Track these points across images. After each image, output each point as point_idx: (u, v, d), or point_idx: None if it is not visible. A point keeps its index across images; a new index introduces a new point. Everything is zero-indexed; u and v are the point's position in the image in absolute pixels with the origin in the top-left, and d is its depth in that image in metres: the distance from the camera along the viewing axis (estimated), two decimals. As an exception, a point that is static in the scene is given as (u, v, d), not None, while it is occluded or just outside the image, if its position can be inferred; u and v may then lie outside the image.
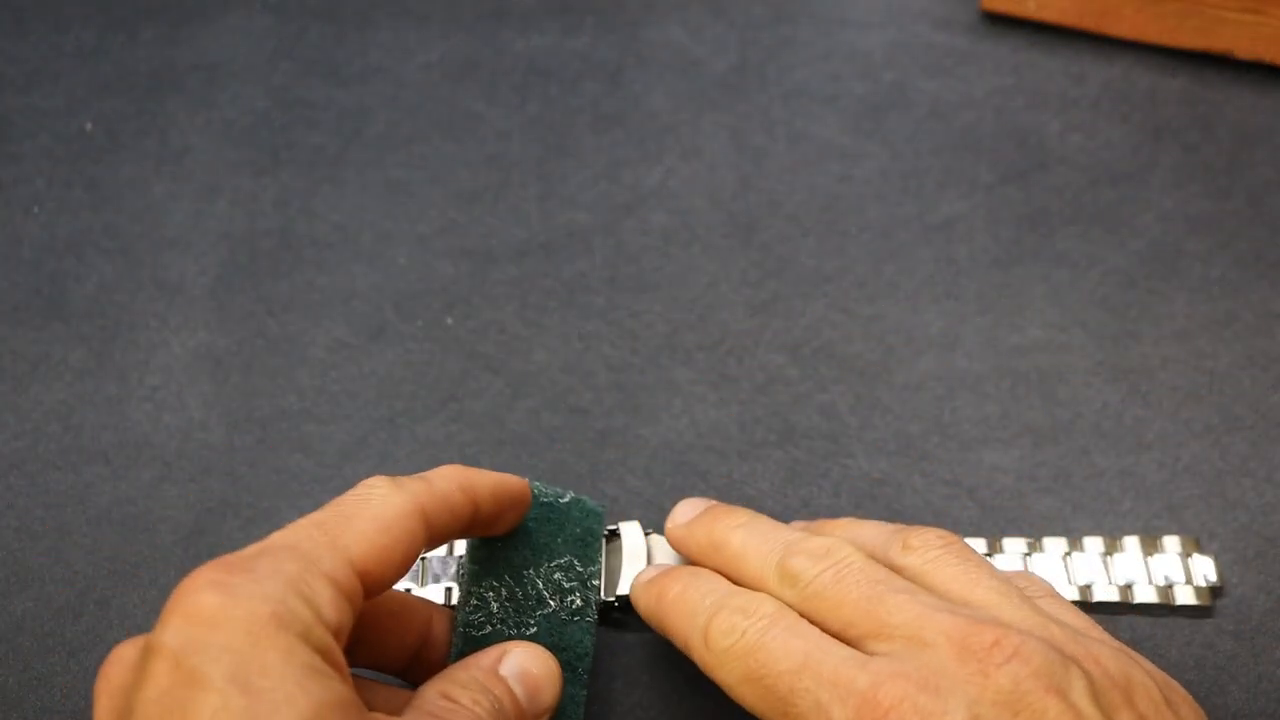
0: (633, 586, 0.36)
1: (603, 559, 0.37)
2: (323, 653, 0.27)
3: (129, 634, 0.38)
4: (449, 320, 0.45)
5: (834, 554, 0.32)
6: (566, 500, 0.36)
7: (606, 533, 0.38)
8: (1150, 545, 0.39)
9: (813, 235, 0.47)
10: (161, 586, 0.39)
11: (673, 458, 0.42)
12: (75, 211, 0.48)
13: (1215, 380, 0.43)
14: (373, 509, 0.30)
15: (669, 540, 0.37)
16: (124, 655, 0.28)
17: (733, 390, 0.43)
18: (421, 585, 0.38)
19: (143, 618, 0.39)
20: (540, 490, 0.36)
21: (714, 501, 0.37)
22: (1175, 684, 0.31)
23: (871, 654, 0.30)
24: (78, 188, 0.48)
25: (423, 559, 0.39)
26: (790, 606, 0.32)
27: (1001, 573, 0.33)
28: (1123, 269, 0.46)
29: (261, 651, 0.26)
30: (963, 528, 0.40)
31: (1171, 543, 0.39)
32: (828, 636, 0.30)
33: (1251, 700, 0.37)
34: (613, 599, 0.37)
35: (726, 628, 0.31)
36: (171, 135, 0.50)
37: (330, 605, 0.28)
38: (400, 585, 0.38)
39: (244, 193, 0.48)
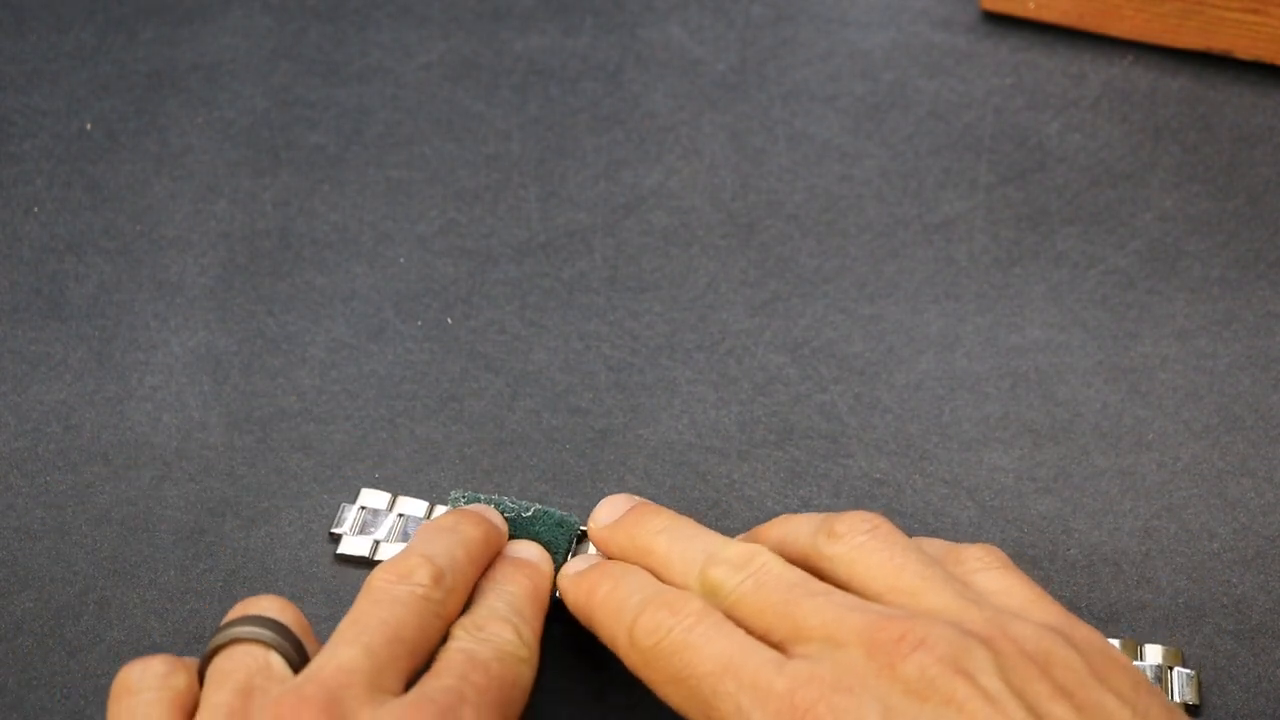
0: (560, 578, 0.36)
1: (563, 561, 0.37)
2: None
3: (129, 634, 0.38)
4: (449, 320, 0.45)
5: (753, 562, 0.33)
6: (530, 514, 0.38)
7: (579, 532, 0.38)
8: (1130, 650, 0.37)
9: (813, 235, 0.47)
10: (161, 586, 0.39)
11: (673, 458, 0.42)
12: (75, 211, 0.48)
13: (1215, 380, 0.43)
14: (522, 688, 0.33)
15: (592, 541, 0.37)
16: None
17: (733, 390, 0.43)
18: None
19: (142, 618, 0.39)
20: (505, 507, 0.38)
21: (636, 499, 0.37)
22: (1115, 655, 0.30)
23: (792, 657, 0.30)
24: (78, 188, 0.48)
25: (400, 515, 0.40)
26: None
27: (929, 553, 0.33)
28: (1123, 269, 0.46)
29: None
30: (962, 527, 0.40)
31: (1153, 652, 0.37)
32: (751, 638, 0.31)
33: (1251, 700, 0.37)
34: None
35: (652, 626, 0.32)
36: (171, 135, 0.50)
37: None
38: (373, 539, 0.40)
39: (244, 193, 0.48)
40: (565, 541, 0.38)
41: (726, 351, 0.44)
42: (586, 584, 0.35)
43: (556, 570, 0.37)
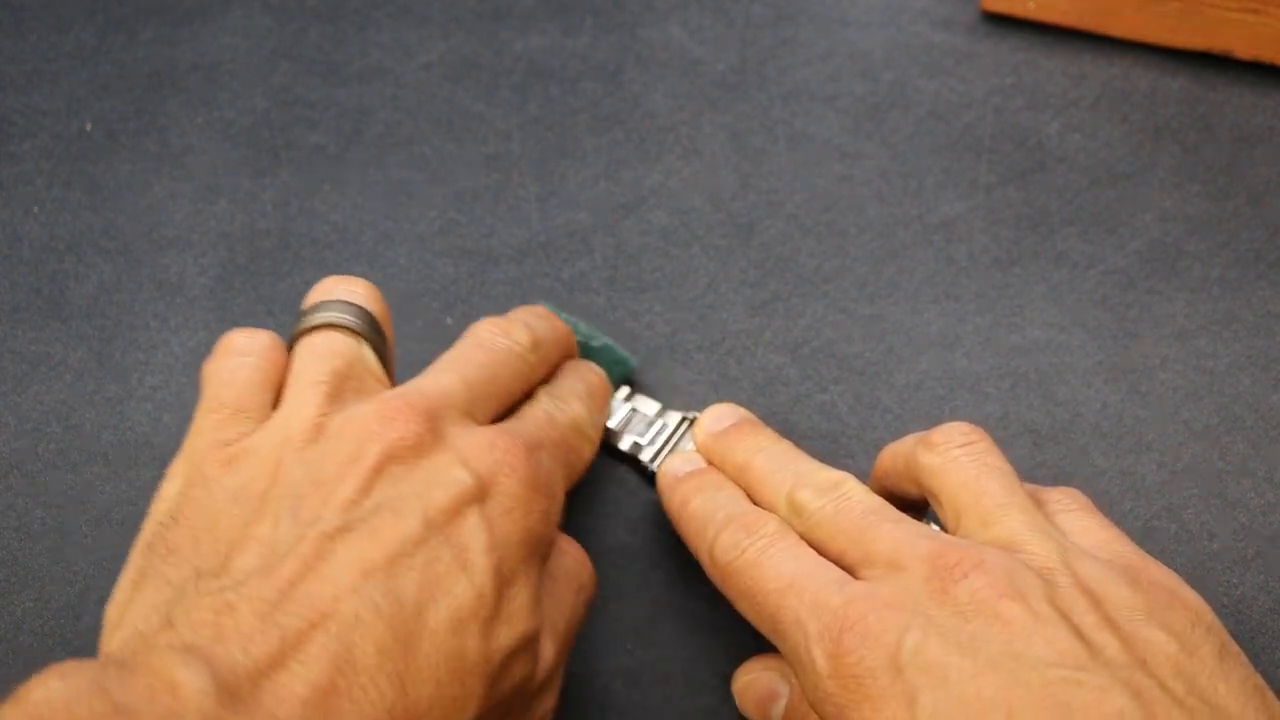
0: (661, 476, 0.38)
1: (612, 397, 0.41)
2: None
3: (129, 634, 0.38)
4: (449, 320, 0.45)
5: (839, 488, 0.34)
6: (598, 344, 0.41)
7: (693, 417, 0.40)
8: None
9: (813, 235, 0.47)
10: (161, 586, 0.39)
11: (673, 458, 0.42)
12: (75, 211, 0.48)
13: (1215, 380, 0.43)
14: (583, 463, 0.36)
15: (696, 447, 0.39)
16: (411, 426, 0.31)
17: (733, 390, 0.43)
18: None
19: (143, 618, 0.39)
20: (579, 330, 0.41)
21: (743, 412, 0.39)
22: (1183, 595, 0.31)
23: (860, 579, 0.32)
24: (78, 188, 0.48)
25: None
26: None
27: (1016, 481, 0.34)
28: (1123, 269, 0.46)
29: (522, 563, 0.30)
30: (963, 528, 0.40)
31: None
32: (821, 559, 0.33)
33: (1251, 700, 0.37)
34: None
35: (730, 544, 0.33)
36: (171, 135, 0.50)
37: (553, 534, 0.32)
38: None
39: (244, 193, 0.48)
40: (618, 377, 0.41)
41: (726, 351, 0.44)
42: (681, 493, 0.37)
43: None
